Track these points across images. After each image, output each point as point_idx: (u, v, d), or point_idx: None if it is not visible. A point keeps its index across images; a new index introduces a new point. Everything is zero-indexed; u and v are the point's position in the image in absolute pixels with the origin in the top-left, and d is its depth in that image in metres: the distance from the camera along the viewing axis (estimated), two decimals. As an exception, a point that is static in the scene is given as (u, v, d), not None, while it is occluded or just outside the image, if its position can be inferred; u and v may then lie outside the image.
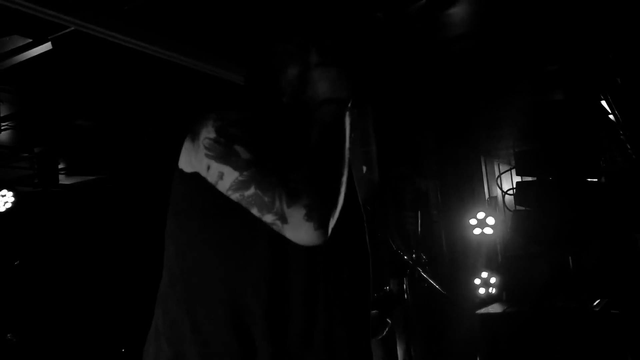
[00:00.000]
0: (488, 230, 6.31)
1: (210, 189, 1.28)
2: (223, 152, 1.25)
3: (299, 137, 1.36)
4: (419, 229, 5.28)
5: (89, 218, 6.44)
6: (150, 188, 5.47)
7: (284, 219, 1.21)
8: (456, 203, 6.51)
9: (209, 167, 1.27)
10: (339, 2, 3.25)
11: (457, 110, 5.90)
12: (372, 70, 4.43)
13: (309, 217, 1.20)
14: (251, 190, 1.22)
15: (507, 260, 5.64)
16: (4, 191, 5.51)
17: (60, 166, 6.19)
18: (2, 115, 4.22)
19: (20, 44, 3.28)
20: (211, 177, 1.27)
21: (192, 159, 1.31)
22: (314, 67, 1.41)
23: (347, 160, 1.30)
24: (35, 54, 3.34)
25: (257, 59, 1.49)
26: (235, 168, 1.24)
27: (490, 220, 6.31)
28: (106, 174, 6.58)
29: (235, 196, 1.24)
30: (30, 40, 3.24)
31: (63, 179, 6.45)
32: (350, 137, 1.43)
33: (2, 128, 4.37)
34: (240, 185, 1.23)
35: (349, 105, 1.37)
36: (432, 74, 4.77)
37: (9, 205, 5.51)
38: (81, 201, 6.58)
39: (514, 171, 6.61)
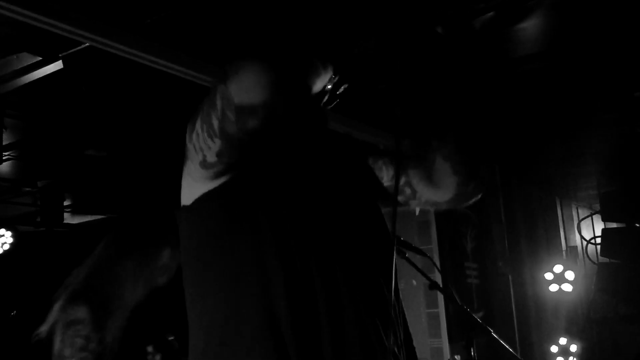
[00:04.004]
0: (567, 287, 6.20)
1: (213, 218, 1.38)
2: (190, 134, 1.39)
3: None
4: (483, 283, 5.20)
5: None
6: (168, 230, 5.50)
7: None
8: (527, 253, 6.42)
9: (193, 160, 1.39)
10: (388, 14, 3.29)
11: (527, 142, 5.85)
12: (428, 93, 4.44)
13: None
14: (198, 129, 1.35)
15: (591, 323, 5.49)
16: (2, 230, 5.62)
17: (65, 203, 6.30)
18: (4, 143, 4.34)
19: (29, 62, 3.39)
20: (195, 165, 1.39)
21: (188, 179, 1.44)
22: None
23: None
24: (44, 74, 3.44)
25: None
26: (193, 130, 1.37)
27: (570, 275, 6.20)
28: (118, 213, 6.67)
29: (200, 158, 1.36)
30: (40, 58, 3.34)
31: (68, 218, 6.56)
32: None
33: (4, 158, 4.49)
34: (197, 135, 1.35)
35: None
36: (498, 99, 4.75)
37: (7, 246, 5.61)
38: (88, 244, 6.67)
39: (597, 216, 6.53)
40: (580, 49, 3.92)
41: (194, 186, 1.43)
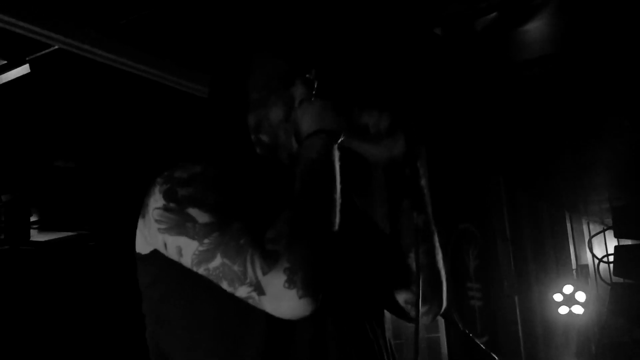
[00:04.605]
0: (578, 309, 6.23)
1: (178, 265, 1.32)
2: (176, 221, 1.29)
3: (275, 187, 1.38)
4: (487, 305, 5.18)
5: (67, 284, 6.48)
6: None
7: (260, 290, 1.21)
8: (535, 272, 6.42)
9: (165, 244, 1.31)
10: (382, 15, 3.31)
11: (534, 152, 5.87)
12: (427, 101, 4.45)
13: (290, 283, 1.20)
14: (217, 261, 1.24)
15: (604, 348, 5.49)
16: (-37, 249, 5.59)
17: (32, 219, 6.27)
18: (-35, 153, 4.33)
19: (-8, 66, 3.38)
20: (171, 255, 1.31)
21: (147, 237, 1.37)
22: (297, 104, 1.45)
23: (337, 206, 1.30)
24: (9, 79, 3.43)
25: (230, 86, 1.53)
26: (192, 237, 1.27)
27: (581, 296, 6.23)
28: (89, 230, 6.64)
29: (200, 271, 1.27)
30: (5, 62, 3.33)
31: (35, 235, 6.53)
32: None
33: (-35, 170, 4.47)
34: (202, 257, 1.26)
35: (339, 139, 1.39)
36: (502, 106, 4.77)
37: (-32, 266, 5.57)
38: (58, 263, 6.64)
39: (610, 232, 6.54)
40: (590, 51, 3.94)
41: (150, 244, 1.38)
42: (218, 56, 1.63)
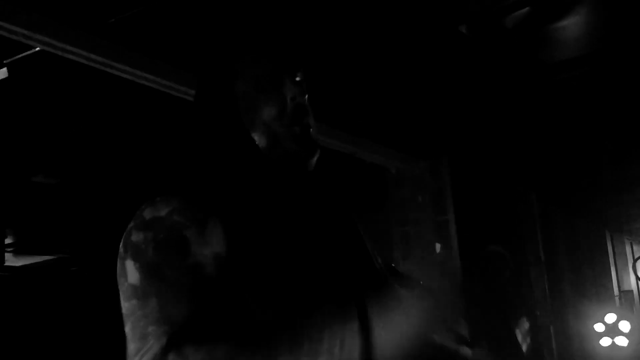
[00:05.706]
0: (621, 341, 6.17)
1: None
2: (119, 269, 1.34)
3: (274, 207, 1.41)
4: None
5: (45, 313, 6.49)
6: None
7: None
8: (572, 299, 6.40)
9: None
10: (398, 13, 3.32)
11: (570, 165, 5.87)
12: (449, 107, 4.46)
13: None
14: (126, 328, 1.29)
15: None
16: None
17: (7, 241, 6.28)
18: None
19: (-35, 70, 3.40)
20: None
21: None
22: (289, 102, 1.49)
23: None
24: (-16, 84, 3.45)
25: (217, 92, 1.56)
26: (120, 291, 1.32)
27: (625, 326, 6.18)
28: (70, 253, 6.65)
29: None
30: (-21, 65, 3.35)
31: (11, 259, 6.54)
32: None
33: None
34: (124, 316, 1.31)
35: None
36: (535, 113, 4.78)
37: None
38: (35, 290, 6.65)
39: (656, 254, 6.55)
40: (633, 51, 3.95)
41: None
42: (203, 61, 1.65)
